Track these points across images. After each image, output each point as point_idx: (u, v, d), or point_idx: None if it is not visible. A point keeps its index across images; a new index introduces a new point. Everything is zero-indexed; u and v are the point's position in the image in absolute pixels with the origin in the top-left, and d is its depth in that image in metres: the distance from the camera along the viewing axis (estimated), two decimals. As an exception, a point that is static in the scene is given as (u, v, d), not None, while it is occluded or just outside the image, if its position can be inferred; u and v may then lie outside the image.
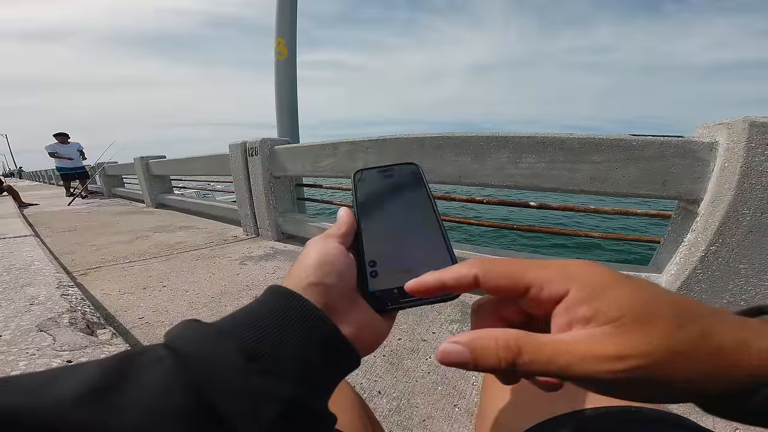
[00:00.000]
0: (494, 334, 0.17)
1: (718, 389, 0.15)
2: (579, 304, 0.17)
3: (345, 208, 0.27)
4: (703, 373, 0.15)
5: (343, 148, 1.89)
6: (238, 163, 2.55)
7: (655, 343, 0.15)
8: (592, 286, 0.17)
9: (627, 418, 0.26)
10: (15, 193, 5.38)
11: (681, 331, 0.15)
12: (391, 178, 0.30)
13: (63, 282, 1.34)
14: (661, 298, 0.16)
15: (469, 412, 0.82)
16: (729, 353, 0.15)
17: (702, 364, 0.15)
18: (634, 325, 0.15)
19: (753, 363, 0.15)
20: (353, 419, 0.35)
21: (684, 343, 0.15)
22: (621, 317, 0.16)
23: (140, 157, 4.50)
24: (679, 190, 1.09)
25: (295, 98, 3.11)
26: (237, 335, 0.18)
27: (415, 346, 1.10)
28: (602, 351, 0.15)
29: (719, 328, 0.15)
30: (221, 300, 1.50)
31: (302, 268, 0.22)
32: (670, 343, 0.15)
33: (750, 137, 0.92)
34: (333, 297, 0.22)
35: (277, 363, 0.17)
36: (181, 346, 0.17)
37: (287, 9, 2.93)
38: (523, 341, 0.17)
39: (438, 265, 0.22)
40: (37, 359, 0.81)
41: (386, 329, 0.25)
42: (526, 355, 0.16)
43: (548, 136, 1.24)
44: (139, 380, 0.15)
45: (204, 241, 2.54)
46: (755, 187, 0.94)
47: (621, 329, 0.15)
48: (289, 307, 0.20)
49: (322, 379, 0.20)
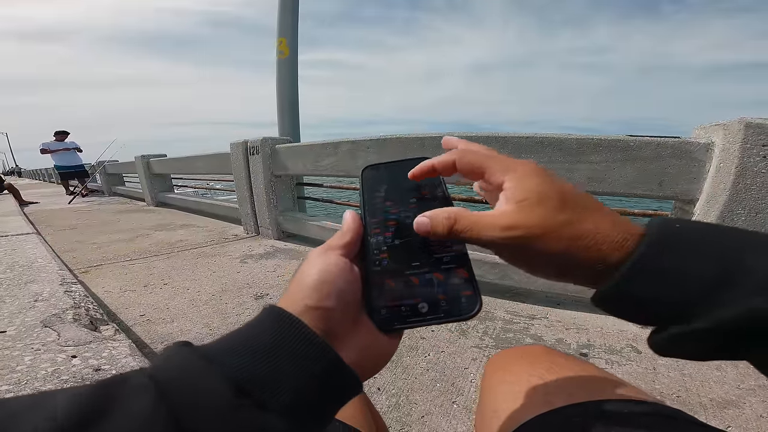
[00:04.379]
0: (446, 209, 0.23)
1: (577, 264, 0.19)
2: (506, 189, 0.21)
3: (351, 212, 0.25)
4: (561, 249, 0.19)
5: (343, 148, 1.90)
6: (239, 162, 2.56)
7: (535, 221, 0.20)
8: (518, 176, 0.21)
9: (624, 410, 0.27)
10: (16, 191, 5.38)
11: (557, 215, 0.20)
12: (404, 176, 0.27)
13: (66, 279, 1.36)
14: (558, 189, 0.21)
15: (467, 409, 0.84)
16: (583, 239, 0.19)
17: (560, 242, 0.19)
18: (530, 206, 0.20)
19: (602, 249, 0.19)
20: (355, 411, 0.36)
21: (554, 224, 0.19)
22: (525, 199, 0.20)
23: (141, 156, 4.50)
24: (676, 191, 1.11)
25: (296, 97, 3.12)
26: (228, 363, 0.17)
27: (414, 344, 1.11)
28: (500, 222, 0.20)
29: (587, 220, 0.19)
30: (222, 298, 1.51)
31: (300, 289, 0.21)
32: (546, 222, 0.19)
33: (745, 138, 0.93)
34: (333, 321, 0.20)
35: (269, 395, 0.16)
36: (166, 374, 0.16)
37: (289, 9, 2.94)
38: (459, 215, 0.22)
39: (455, 276, 0.22)
40: (42, 354, 0.82)
41: (391, 350, 0.23)
42: (458, 224, 0.22)
43: (547, 136, 1.25)
44: (118, 413, 0.14)
45: (205, 240, 2.55)
46: (750, 188, 0.95)
47: (520, 208, 0.20)
48: (286, 333, 0.18)
49: (320, 410, 0.18)
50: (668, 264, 0.17)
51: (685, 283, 0.17)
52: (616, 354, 1.04)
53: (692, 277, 0.17)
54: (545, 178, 0.21)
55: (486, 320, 1.26)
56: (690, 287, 0.17)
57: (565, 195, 0.20)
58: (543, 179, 0.21)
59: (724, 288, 0.16)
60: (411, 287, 0.22)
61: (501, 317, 1.28)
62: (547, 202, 0.20)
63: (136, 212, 4.10)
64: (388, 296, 0.22)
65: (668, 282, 0.17)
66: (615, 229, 0.19)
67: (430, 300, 0.22)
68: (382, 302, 0.22)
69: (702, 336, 0.17)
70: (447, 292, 0.22)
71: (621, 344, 1.09)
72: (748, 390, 0.87)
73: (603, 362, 1.00)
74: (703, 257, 0.17)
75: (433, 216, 0.23)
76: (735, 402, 0.83)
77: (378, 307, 0.22)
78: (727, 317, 0.16)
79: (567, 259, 0.19)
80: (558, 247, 0.19)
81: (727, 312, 0.16)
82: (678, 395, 0.86)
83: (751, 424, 0.77)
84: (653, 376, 0.94)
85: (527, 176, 0.21)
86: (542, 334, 1.17)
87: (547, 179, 0.21)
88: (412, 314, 0.22)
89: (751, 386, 0.88)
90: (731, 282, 0.16)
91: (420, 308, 0.22)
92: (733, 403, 0.83)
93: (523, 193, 0.21)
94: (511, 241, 0.20)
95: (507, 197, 0.21)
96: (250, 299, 1.49)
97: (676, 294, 0.17)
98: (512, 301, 1.41)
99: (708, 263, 0.17)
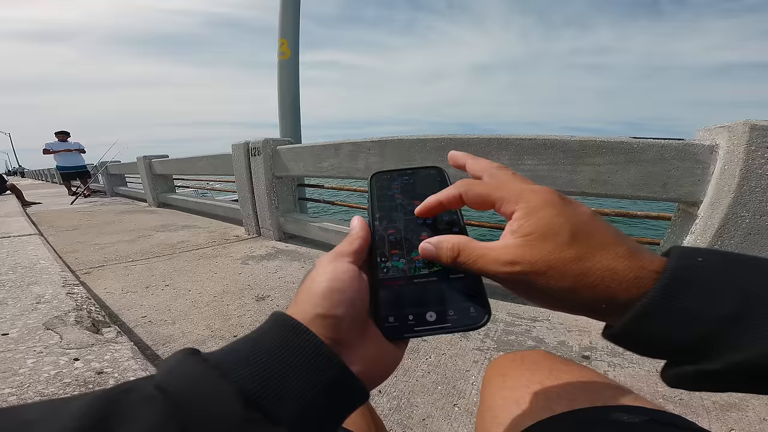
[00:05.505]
0: (451, 239, 0.22)
1: (582, 302, 0.19)
2: (515, 219, 0.21)
3: (359, 218, 0.25)
4: (566, 287, 0.18)
5: (345, 149, 1.90)
6: (240, 163, 2.56)
7: (540, 257, 0.19)
8: (529, 207, 0.20)
9: (625, 416, 0.27)
10: (18, 191, 5.40)
11: (564, 251, 0.19)
12: (413, 184, 0.27)
13: (68, 281, 1.36)
14: (571, 221, 0.19)
15: (468, 412, 0.83)
16: (591, 277, 0.18)
17: (565, 279, 0.18)
18: (537, 240, 0.19)
19: (611, 287, 0.18)
20: (356, 416, 0.36)
21: (560, 260, 0.19)
22: (532, 233, 0.19)
23: (143, 156, 4.51)
24: (679, 193, 1.10)
25: (297, 98, 3.12)
26: (237, 375, 0.16)
27: (415, 346, 1.11)
28: (504, 257, 0.20)
29: (597, 256, 0.18)
30: (223, 299, 1.51)
31: (309, 296, 0.20)
32: (551, 258, 0.19)
33: (750, 140, 0.92)
34: (342, 330, 0.20)
35: (278, 408, 0.16)
36: (174, 385, 0.16)
37: (290, 10, 2.95)
38: (462, 246, 0.22)
39: (464, 285, 0.22)
40: (45, 357, 0.82)
41: (398, 358, 0.23)
42: (462, 256, 0.21)
43: (549, 138, 1.25)
44: (127, 425, 0.14)
45: (206, 241, 2.55)
46: (755, 190, 0.94)
47: (526, 242, 0.19)
48: (294, 343, 0.18)
49: (327, 421, 0.18)
50: (682, 305, 0.17)
51: (698, 324, 0.16)
52: (618, 357, 1.03)
53: (707, 318, 0.16)
54: (559, 209, 0.20)
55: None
56: (703, 328, 0.16)
57: (577, 228, 0.19)
58: (556, 210, 0.20)
59: (739, 328, 0.16)
60: (419, 296, 0.22)
61: (503, 319, 1.28)
62: (555, 237, 0.19)
63: (138, 213, 4.11)
64: (396, 305, 0.22)
65: (680, 323, 0.17)
66: (628, 266, 0.18)
67: (438, 309, 0.22)
68: (389, 311, 0.22)
69: (716, 377, 0.16)
70: (455, 301, 0.22)
71: (623, 347, 1.08)
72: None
73: (605, 365, 1.00)
74: (720, 297, 0.16)
75: (438, 244, 0.23)
76: (738, 405, 0.83)
77: (385, 316, 0.22)
78: (739, 360, 0.15)
79: (571, 296, 0.19)
80: (562, 285, 0.19)
81: (739, 355, 0.15)
82: (680, 398, 0.86)
83: (754, 427, 0.77)
84: (656, 379, 0.93)
85: (539, 208, 0.20)
86: (544, 336, 1.16)
87: (560, 210, 0.20)
88: (419, 323, 0.21)
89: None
90: (748, 322, 0.16)
91: (428, 317, 0.22)
92: (736, 406, 0.83)
93: (530, 226, 0.20)
94: (513, 277, 0.20)
95: (513, 230, 0.20)
96: (252, 300, 1.49)
97: (688, 335, 0.16)
98: (514, 303, 1.40)
99: (724, 303, 0.16)
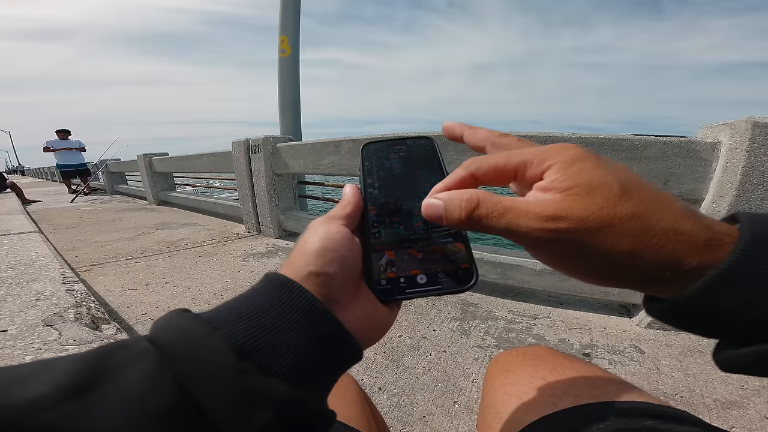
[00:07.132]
0: (465, 191, 0.19)
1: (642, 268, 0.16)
2: (546, 178, 0.18)
3: (351, 185, 0.25)
4: (626, 249, 0.15)
5: (345, 147, 1.89)
6: (240, 161, 2.56)
7: (591, 211, 0.16)
8: (563, 162, 0.17)
9: (630, 412, 0.26)
10: (18, 189, 5.40)
11: (620, 205, 0.16)
12: (403, 153, 0.28)
13: (68, 278, 1.36)
14: (617, 175, 0.17)
15: (468, 409, 0.83)
16: (655, 237, 0.15)
17: (624, 239, 0.15)
18: (582, 195, 0.16)
19: (677, 249, 0.15)
20: (357, 412, 0.35)
21: (616, 218, 0.16)
22: (573, 187, 0.16)
23: (143, 154, 4.51)
24: (681, 190, 1.09)
25: (297, 96, 3.11)
26: (229, 329, 0.16)
27: (415, 344, 1.10)
28: (542, 211, 0.16)
29: (657, 213, 0.16)
30: (223, 296, 1.51)
31: (302, 255, 0.20)
32: (604, 214, 0.16)
33: (753, 137, 0.92)
34: (335, 288, 0.20)
35: (272, 361, 0.16)
36: (167, 340, 0.16)
37: (290, 6, 2.93)
38: (484, 197, 0.18)
39: (453, 249, 0.22)
40: (44, 353, 0.82)
41: (390, 319, 0.23)
42: (483, 208, 0.18)
43: (550, 135, 1.24)
44: (120, 377, 0.14)
45: (206, 238, 2.55)
46: (757, 187, 0.94)
47: (569, 196, 0.16)
48: (287, 299, 0.18)
49: (322, 377, 0.18)
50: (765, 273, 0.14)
51: None
52: (619, 354, 1.03)
53: None
54: (596, 161, 0.17)
55: (488, 320, 1.25)
56: None
57: (626, 180, 0.16)
58: (595, 163, 0.17)
59: None
60: (409, 259, 0.23)
61: (503, 317, 1.28)
62: (604, 190, 0.16)
63: (138, 211, 4.11)
64: (387, 268, 0.23)
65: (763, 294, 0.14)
66: (696, 226, 0.15)
67: (428, 272, 0.22)
68: (381, 273, 0.23)
69: None
70: (444, 264, 0.22)
71: (624, 344, 1.08)
72: (752, 390, 0.87)
73: (606, 362, 0.99)
74: None
75: (449, 198, 0.19)
76: (739, 403, 0.83)
77: (377, 278, 0.22)
78: None
79: (629, 261, 0.16)
80: (621, 246, 0.15)
81: None
82: (682, 395, 0.86)
83: (755, 424, 0.77)
84: (657, 377, 0.93)
85: (575, 161, 0.17)
86: (545, 333, 1.16)
87: (599, 163, 0.17)
88: (410, 285, 0.22)
89: (755, 387, 0.88)
90: None
91: (418, 280, 0.22)
92: (737, 403, 0.82)
93: (570, 180, 0.17)
94: (557, 235, 0.16)
95: (545, 186, 0.17)
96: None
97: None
98: (514, 301, 1.40)
99: None
